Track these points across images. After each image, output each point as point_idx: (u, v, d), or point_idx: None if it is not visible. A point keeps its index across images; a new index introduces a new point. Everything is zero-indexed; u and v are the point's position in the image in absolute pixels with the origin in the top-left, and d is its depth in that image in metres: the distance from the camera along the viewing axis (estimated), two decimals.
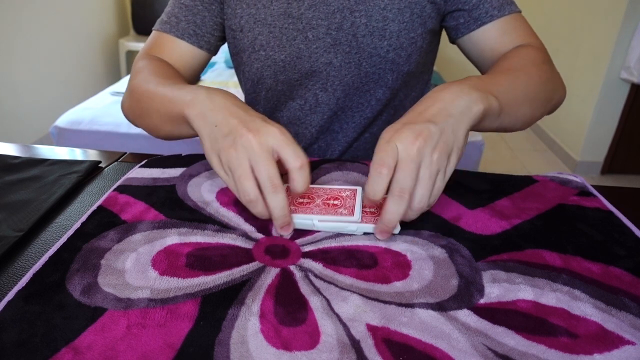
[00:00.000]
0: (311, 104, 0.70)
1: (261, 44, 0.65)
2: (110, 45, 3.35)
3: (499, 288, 0.37)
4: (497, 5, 0.63)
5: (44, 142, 2.53)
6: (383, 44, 0.64)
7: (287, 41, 0.65)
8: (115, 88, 2.06)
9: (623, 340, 0.32)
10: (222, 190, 0.51)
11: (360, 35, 0.64)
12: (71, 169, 0.56)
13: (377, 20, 0.63)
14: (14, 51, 2.34)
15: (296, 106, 0.71)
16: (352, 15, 0.63)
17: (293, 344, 0.31)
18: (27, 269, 0.39)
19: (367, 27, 0.63)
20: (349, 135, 0.72)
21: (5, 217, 0.46)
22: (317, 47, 0.65)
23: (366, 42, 0.64)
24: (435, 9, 0.65)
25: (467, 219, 0.46)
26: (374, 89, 0.68)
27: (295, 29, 0.64)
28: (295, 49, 0.65)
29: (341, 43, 0.64)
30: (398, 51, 0.65)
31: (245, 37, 0.66)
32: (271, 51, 0.65)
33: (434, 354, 0.30)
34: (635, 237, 0.44)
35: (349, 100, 0.69)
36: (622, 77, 2.18)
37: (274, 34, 0.65)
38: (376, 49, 0.64)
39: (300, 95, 0.70)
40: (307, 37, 0.64)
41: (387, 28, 0.63)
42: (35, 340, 0.31)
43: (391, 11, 0.63)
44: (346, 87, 0.68)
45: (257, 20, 0.65)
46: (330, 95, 0.69)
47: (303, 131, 0.73)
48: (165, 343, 0.31)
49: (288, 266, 0.39)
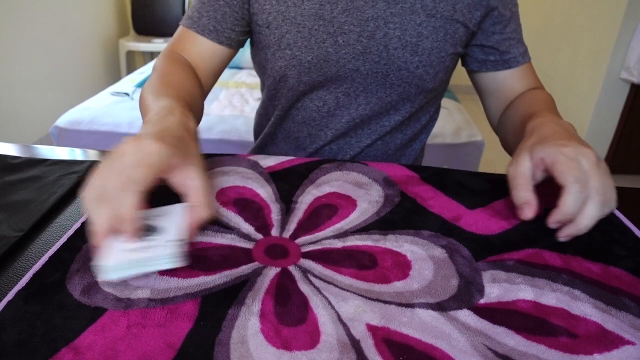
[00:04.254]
0: (330, 107, 0.70)
1: (288, 42, 0.65)
2: (110, 45, 3.35)
3: (499, 288, 0.37)
4: (522, 52, 0.71)
5: (44, 142, 2.53)
6: (414, 59, 0.65)
7: (315, 43, 0.64)
8: (115, 88, 2.06)
9: (623, 340, 0.32)
10: (222, 190, 0.51)
11: (392, 47, 0.64)
12: (71, 169, 0.56)
13: (412, 36, 0.64)
14: (14, 51, 2.34)
15: (314, 107, 0.71)
16: (386, 26, 0.64)
17: (293, 343, 0.31)
18: (27, 269, 0.39)
19: (401, 41, 0.64)
20: (363, 141, 0.73)
21: (5, 217, 0.46)
22: (346, 53, 0.65)
23: (397, 54, 0.65)
24: (467, 33, 0.67)
25: (467, 219, 0.46)
26: (396, 101, 0.69)
27: (325, 31, 0.64)
28: (323, 52, 0.65)
29: (371, 52, 0.65)
30: (427, 68, 0.66)
31: (272, 34, 0.66)
32: (297, 51, 0.65)
33: (434, 354, 0.30)
34: (635, 237, 0.44)
35: (369, 109, 0.70)
36: (622, 77, 2.18)
37: (302, 34, 0.64)
38: (406, 63, 0.65)
39: (320, 97, 0.70)
40: (337, 41, 0.64)
41: (420, 44, 0.64)
42: (35, 340, 0.31)
43: (426, 28, 0.64)
44: (369, 96, 0.68)
45: (285, 18, 0.64)
46: (352, 101, 0.69)
47: (317, 132, 0.73)
48: (165, 343, 0.31)
49: (288, 266, 0.39)
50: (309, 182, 0.53)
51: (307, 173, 0.55)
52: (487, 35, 0.69)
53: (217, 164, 0.57)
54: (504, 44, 0.69)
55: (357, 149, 0.73)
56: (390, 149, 0.75)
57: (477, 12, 0.66)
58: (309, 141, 0.74)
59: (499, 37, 0.69)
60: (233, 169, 0.56)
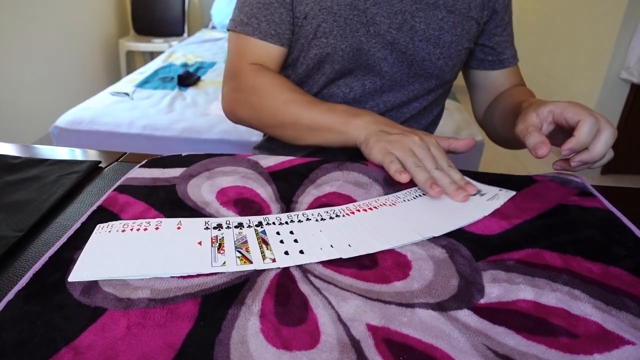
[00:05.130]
0: (356, 94, 0.73)
1: (324, 31, 0.68)
2: (110, 45, 3.35)
3: (499, 288, 0.37)
4: (513, 54, 0.79)
5: (44, 142, 2.53)
6: (436, 51, 0.70)
7: (350, 32, 0.67)
8: (115, 88, 2.06)
9: (623, 340, 0.32)
10: (222, 190, 0.51)
11: (417, 39, 0.69)
12: (71, 169, 0.56)
13: (434, 29, 0.69)
14: (14, 51, 2.34)
15: (340, 94, 0.74)
16: (412, 20, 0.68)
17: (293, 343, 0.31)
18: (27, 269, 0.39)
19: (425, 33, 0.69)
20: None
21: (5, 217, 0.46)
22: (377, 42, 0.68)
23: (422, 46, 0.69)
24: (478, 30, 0.73)
25: None
26: (417, 90, 0.74)
27: (359, 21, 0.67)
28: (357, 41, 0.68)
29: (399, 43, 0.69)
30: (447, 60, 0.71)
31: (309, 24, 0.68)
32: (333, 39, 0.68)
33: (434, 354, 0.30)
34: (635, 237, 0.44)
35: (392, 96, 0.74)
36: (622, 77, 2.18)
37: (339, 23, 0.67)
38: (429, 55, 0.70)
39: (347, 84, 0.73)
40: (369, 31, 0.68)
41: (442, 37, 0.69)
42: (35, 340, 0.31)
43: (447, 23, 0.69)
44: (393, 84, 0.73)
45: (322, 8, 0.67)
46: (377, 89, 0.73)
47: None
48: (165, 343, 0.31)
49: (288, 266, 0.39)
50: (309, 182, 0.53)
51: (307, 173, 0.55)
52: (489, 37, 0.76)
53: (217, 164, 0.57)
54: (501, 46, 0.77)
55: None
56: None
57: (485, 12, 0.72)
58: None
59: (498, 39, 0.76)
60: (233, 169, 0.56)
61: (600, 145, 0.49)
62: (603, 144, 0.49)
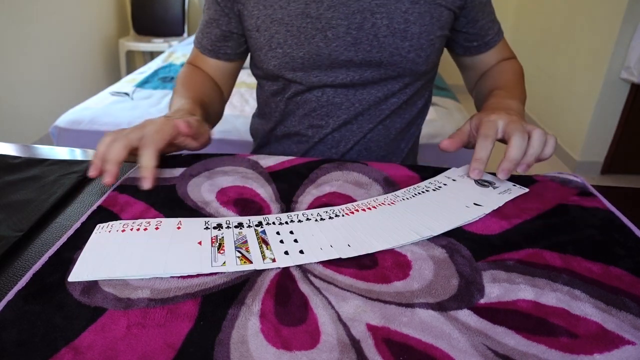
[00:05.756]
0: (329, 97, 0.73)
1: (278, 42, 0.68)
2: (110, 45, 3.35)
3: (499, 288, 0.37)
4: (497, 30, 0.77)
5: (44, 142, 2.53)
6: (404, 44, 0.68)
7: (305, 39, 0.67)
8: (115, 88, 2.06)
9: (623, 340, 0.32)
10: (222, 190, 0.51)
11: (381, 35, 0.67)
12: (71, 169, 0.56)
13: (399, 23, 0.67)
14: (14, 51, 2.34)
15: (313, 98, 0.73)
16: (373, 17, 0.66)
17: (293, 343, 0.31)
18: (27, 269, 0.39)
19: (389, 29, 0.67)
20: (364, 127, 0.75)
21: (5, 217, 0.46)
22: (337, 45, 0.67)
23: (388, 42, 0.67)
24: (451, 16, 0.71)
25: None
26: (392, 85, 0.72)
27: (313, 27, 0.67)
28: (314, 47, 0.67)
29: (362, 42, 0.67)
30: (418, 52, 0.69)
31: (262, 36, 0.69)
32: (289, 48, 0.68)
33: (434, 354, 0.30)
34: (635, 237, 0.44)
35: (367, 94, 0.73)
36: (622, 77, 2.18)
37: (292, 32, 0.67)
38: (398, 49, 0.68)
39: (318, 89, 0.72)
40: (327, 35, 0.67)
41: (408, 30, 0.67)
42: (35, 340, 0.31)
43: (412, 14, 0.67)
44: (365, 83, 0.71)
45: (273, 20, 0.68)
46: (350, 89, 0.72)
47: (319, 122, 0.75)
48: (165, 343, 0.31)
49: (288, 266, 0.39)
50: (309, 182, 0.53)
51: (307, 173, 0.55)
52: (473, 23, 0.74)
53: (217, 164, 0.57)
54: (485, 28, 0.75)
55: (359, 135, 0.76)
56: (391, 133, 0.77)
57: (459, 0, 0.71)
58: (311, 132, 0.76)
59: (481, 23, 0.74)
60: (233, 168, 0.56)
61: (515, 152, 0.50)
62: (520, 151, 0.50)
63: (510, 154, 0.50)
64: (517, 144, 0.50)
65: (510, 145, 0.50)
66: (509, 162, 0.50)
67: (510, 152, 0.50)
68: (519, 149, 0.50)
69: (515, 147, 0.50)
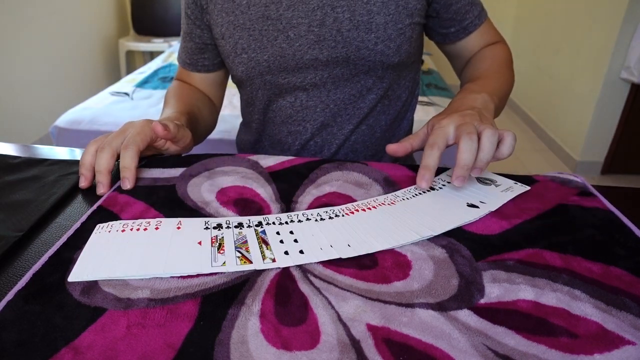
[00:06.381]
0: (302, 100, 0.71)
1: (242, 47, 0.68)
2: (110, 45, 3.35)
3: (499, 288, 0.37)
4: (477, 13, 0.72)
5: (44, 142, 2.53)
6: (370, 36, 0.65)
7: (267, 42, 0.67)
8: (115, 88, 2.06)
9: (623, 340, 0.32)
10: (222, 190, 0.51)
11: (345, 29, 0.65)
12: (71, 169, 0.56)
13: (362, 14, 0.64)
14: (14, 51, 2.34)
15: (287, 104, 0.72)
16: (333, 12, 0.64)
17: (293, 343, 0.31)
18: (27, 269, 0.39)
19: (352, 22, 0.65)
20: (345, 128, 0.73)
21: (5, 217, 0.46)
22: (300, 45, 0.66)
23: (352, 35, 0.65)
24: (421, 2, 0.67)
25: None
26: (365, 80, 0.70)
27: (275, 29, 0.66)
28: (278, 49, 0.67)
29: (325, 39, 0.66)
30: (387, 42, 0.66)
31: (227, 44, 0.69)
32: (253, 53, 0.68)
33: (434, 354, 0.30)
34: (635, 237, 0.44)
35: (340, 92, 0.71)
36: (622, 77, 2.18)
37: (254, 37, 0.67)
38: (364, 42, 0.65)
39: (290, 93, 0.71)
40: (289, 36, 0.66)
41: (372, 21, 0.65)
42: (35, 340, 0.31)
43: (375, 4, 0.64)
44: (336, 81, 0.69)
45: (236, 26, 0.67)
46: (321, 89, 0.70)
47: (297, 128, 0.74)
48: (165, 343, 0.31)
49: (288, 266, 0.39)
50: (309, 182, 0.53)
51: (307, 173, 0.55)
52: (446, 8, 0.70)
53: (217, 164, 0.57)
54: (461, 12, 0.71)
55: (341, 137, 0.74)
56: (376, 132, 0.75)
57: None
58: (291, 139, 0.75)
59: (456, 7, 0.70)
60: (233, 169, 0.56)
61: (465, 156, 0.47)
62: (470, 155, 0.47)
63: (460, 160, 0.47)
64: (465, 148, 0.47)
65: (459, 151, 0.47)
66: (460, 168, 0.47)
67: (460, 158, 0.47)
68: (468, 153, 0.47)
69: (464, 151, 0.47)
